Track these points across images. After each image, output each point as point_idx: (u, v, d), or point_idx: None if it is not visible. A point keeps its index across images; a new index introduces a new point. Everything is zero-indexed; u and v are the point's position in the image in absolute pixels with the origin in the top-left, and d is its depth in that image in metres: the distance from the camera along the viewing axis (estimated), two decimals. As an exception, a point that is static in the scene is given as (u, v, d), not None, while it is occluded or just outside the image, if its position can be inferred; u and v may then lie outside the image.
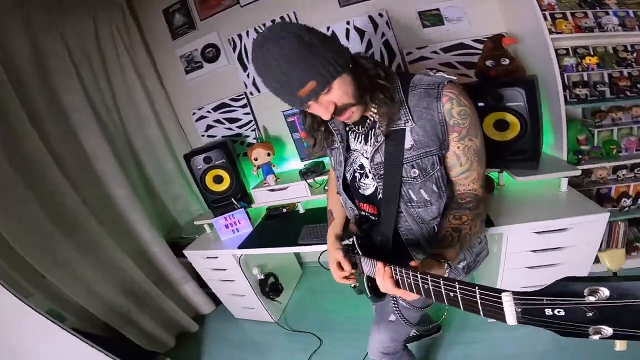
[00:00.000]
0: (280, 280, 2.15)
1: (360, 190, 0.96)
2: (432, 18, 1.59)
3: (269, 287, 2.05)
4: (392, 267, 0.68)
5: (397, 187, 0.85)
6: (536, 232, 1.30)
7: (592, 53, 1.33)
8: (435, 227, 0.90)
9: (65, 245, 1.63)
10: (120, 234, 1.95)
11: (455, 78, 0.80)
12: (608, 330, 0.33)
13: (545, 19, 1.26)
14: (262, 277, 2.04)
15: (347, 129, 0.94)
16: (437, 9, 1.57)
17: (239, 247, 1.82)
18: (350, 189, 1.00)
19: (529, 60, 1.45)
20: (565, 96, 1.36)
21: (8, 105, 1.51)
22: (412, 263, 0.66)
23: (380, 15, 1.66)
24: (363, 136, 0.90)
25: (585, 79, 1.36)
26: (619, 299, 0.32)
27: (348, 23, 1.73)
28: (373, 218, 0.97)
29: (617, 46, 1.32)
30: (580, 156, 1.42)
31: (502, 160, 1.45)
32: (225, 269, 1.96)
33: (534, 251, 1.35)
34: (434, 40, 1.64)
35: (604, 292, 0.33)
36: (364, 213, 1.00)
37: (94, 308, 1.72)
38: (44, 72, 1.69)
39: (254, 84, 2.05)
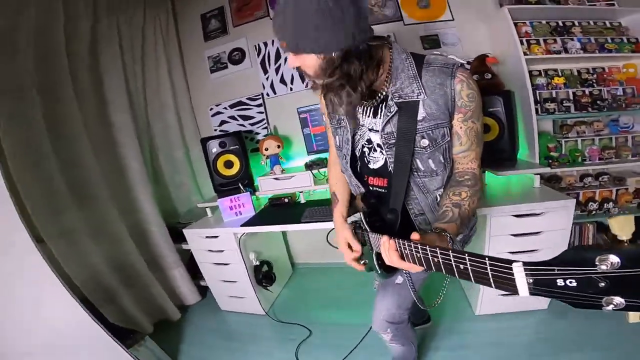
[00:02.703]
0: (274, 270, 2.19)
1: (369, 165, 0.99)
2: (431, 42, 1.93)
3: (263, 275, 2.09)
4: (397, 241, 0.70)
5: (408, 157, 0.87)
6: (515, 215, 1.48)
7: (559, 74, 1.65)
8: (438, 197, 0.94)
9: (73, 211, 1.67)
10: (124, 207, 2.01)
11: (466, 62, 0.96)
12: (621, 301, 0.32)
13: (522, 43, 1.59)
14: (258, 263, 2.09)
15: None
16: (436, 35, 1.91)
17: (242, 226, 1.90)
18: (357, 165, 1.03)
19: (508, 79, 1.75)
20: (536, 109, 1.64)
21: (60, 72, 1.68)
22: (414, 236, 0.67)
23: (388, 36, 1.98)
24: (372, 110, 0.93)
25: (554, 95, 1.66)
26: (630, 268, 0.31)
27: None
28: (382, 191, 0.99)
29: (580, 69, 1.64)
30: (550, 161, 1.67)
31: (485, 160, 1.68)
32: (222, 250, 2.01)
33: (515, 235, 1.52)
34: (432, 61, 1.96)
35: (615, 260, 0.32)
36: (372, 188, 1.02)
37: (79, 279, 1.68)
38: (96, 50, 1.90)
39: (272, 86, 2.31)
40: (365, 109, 0.95)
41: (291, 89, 2.28)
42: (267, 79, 2.31)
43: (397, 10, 1.98)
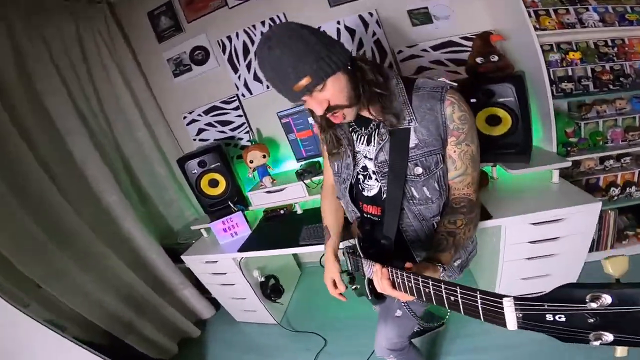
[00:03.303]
0: (281, 282, 2.15)
1: (364, 192, 0.98)
2: (421, 17, 1.62)
3: (270, 289, 2.06)
4: (390, 269, 0.70)
5: (401, 185, 0.86)
6: (533, 224, 1.35)
7: (574, 48, 1.39)
8: (435, 224, 0.92)
9: (61, 255, 1.59)
10: (115, 242, 1.92)
11: (456, 84, 0.83)
12: (609, 337, 0.34)
13: (530, 15, 1.30)
14: (263, 279, 2.05)
15: (351, 129, 0.95)
16: (426, 8, 1.60)
17: (239, 250, 1.81)
18: (353, 192, 1.02)
19: (516, 57, 1.49)
20: (552, 90, 1.40)
21: None
22: (407, 265, 0.67)
23: (370, 14, 1.68)
24: (366, 137, 0.92)
25: (570, 73, 1.41)
26: (621, 306, 0.32)
27: (339, 23, 1.74)
28: (375, 219, 0.98)
29: (597, 41, 1.37)
30: (568, 148, 1.48)
31: (495, 155, 1.50)
32: (225, 273, 1.95)
33: (532, 242, 1.40)
34: (423, 38, 1.67)
35: (607, 299, 0.33)
36: (366, 215, 1.00)
37: (94, 317, 1.69)
38: (28, 78, 1.64)
39: (246, 85, 2.04)
40: (359, 136, 0.94)
41: (268, 87, 2.01)
42: (239, 77, 2.03)
43: (376, -20, 1.63)
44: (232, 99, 2.11)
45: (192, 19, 1.93)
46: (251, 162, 1.96)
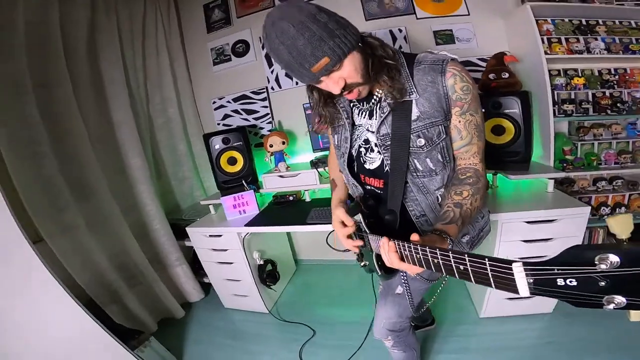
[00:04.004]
0: (278, 269, 2.17)
1: (365, 165, 0.98)
2: (445, 37, 1.85)
3: (267, 274, 2.07)
4: (397, 242, 0.70)
5: (404, 158, 0.87)
6: (527, 222, 1.45)
7: (580, 75, 1.59)
8: (439, 197, 0.92)
9: (74, 209, 1.64)
10: (126, 205, 1.98)
11: (457, 57, 0.86)
12: (622, 300, 0.32)
13: (543, 42, 1.51)
14: (262, 262, 2.07)
15: (352, 105, 0.97)
16: (450, 30, 1.83)
17: (246, 226, 1.86)
18: (354, 165, 1.02)
19: (525, 78, 1.69)
20: (554, 110, 1.58)
21: (58, 68, 1.62)
22: (414, 237, 0.67)
23: (400, 30, 1.91)
24: (367, 112, 0.93)
25: (573, 96, 1.60)
26: (630, 267, 0.31)
27: (370, 35, 1.96)
28: (379, 192, 0.99)
29: (602, 69, 1.58)
30: (565, 164, 1.62)
31: (497, 162, 1.64)
32: (226, 250, 1.98)
33: (525, 241, 1.48)
34: (444, 56, 1.88)
35: (615, 259, 0.32)
36: (369, 188, 1.01)
37: (83, 280, 1.66)
38: (94, 46, 1.83)
39: (277, 80, 2.24)
40: (360, 111, 0.95)
41: (297, 83, 2.21)
42: (272, 72, 2.24)
43: (409, 3, 1.89)
44: (262, 91, 2.30)
45: (242, 15, 2.18)
46: (271, 146, 2.09)
